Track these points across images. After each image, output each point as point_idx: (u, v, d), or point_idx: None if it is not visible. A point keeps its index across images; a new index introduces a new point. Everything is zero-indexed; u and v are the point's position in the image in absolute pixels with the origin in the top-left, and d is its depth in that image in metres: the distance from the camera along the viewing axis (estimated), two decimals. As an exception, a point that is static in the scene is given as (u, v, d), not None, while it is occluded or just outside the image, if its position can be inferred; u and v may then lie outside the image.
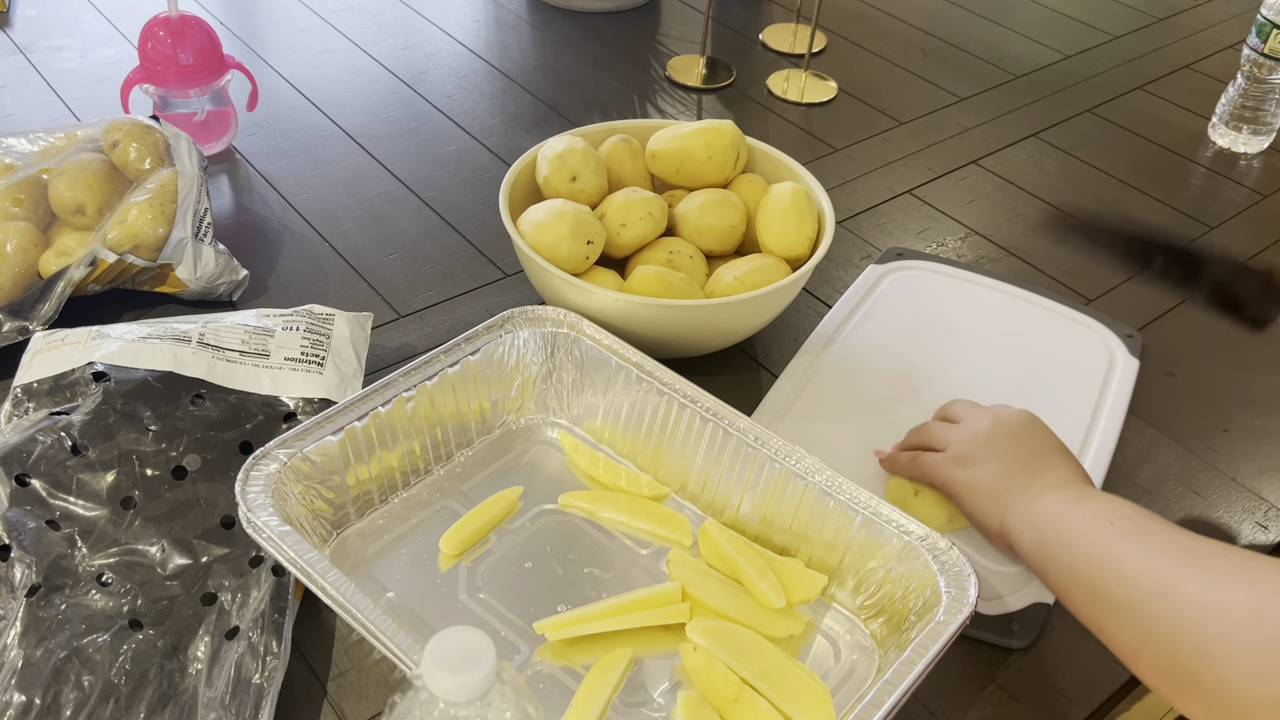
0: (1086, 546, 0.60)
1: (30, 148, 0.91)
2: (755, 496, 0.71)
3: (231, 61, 1.05)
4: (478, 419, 0.77)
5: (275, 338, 0.76)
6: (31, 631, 0.60)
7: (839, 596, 0.69)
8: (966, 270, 0.98)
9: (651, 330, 0.79)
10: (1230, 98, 1.21)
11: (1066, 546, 0.62)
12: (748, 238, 0.89)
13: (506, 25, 1.37)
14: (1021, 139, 1.22)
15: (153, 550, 0.65)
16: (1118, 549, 0.59)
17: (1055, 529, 0.63)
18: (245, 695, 0.59)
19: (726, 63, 1.31)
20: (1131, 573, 0.57)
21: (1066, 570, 0.61)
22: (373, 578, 0.68)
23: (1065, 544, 0.62)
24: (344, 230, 1.00)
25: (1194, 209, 1.12)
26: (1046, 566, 0.63)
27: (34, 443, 0.66)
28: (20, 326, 0.81)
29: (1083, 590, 0.60)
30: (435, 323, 0.91)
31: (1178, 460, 0.83)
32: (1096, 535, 0.60)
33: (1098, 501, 0.64)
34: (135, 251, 0.85)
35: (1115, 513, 0.61)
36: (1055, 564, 0.62)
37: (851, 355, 0.88)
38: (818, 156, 1.16)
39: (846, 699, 0.63)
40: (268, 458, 0.65)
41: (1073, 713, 0.66)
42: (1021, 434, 0.71)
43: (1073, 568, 0.61)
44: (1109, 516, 0.61)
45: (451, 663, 0.43)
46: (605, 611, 0.66)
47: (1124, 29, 1.48)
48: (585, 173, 0.87)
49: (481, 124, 1.17)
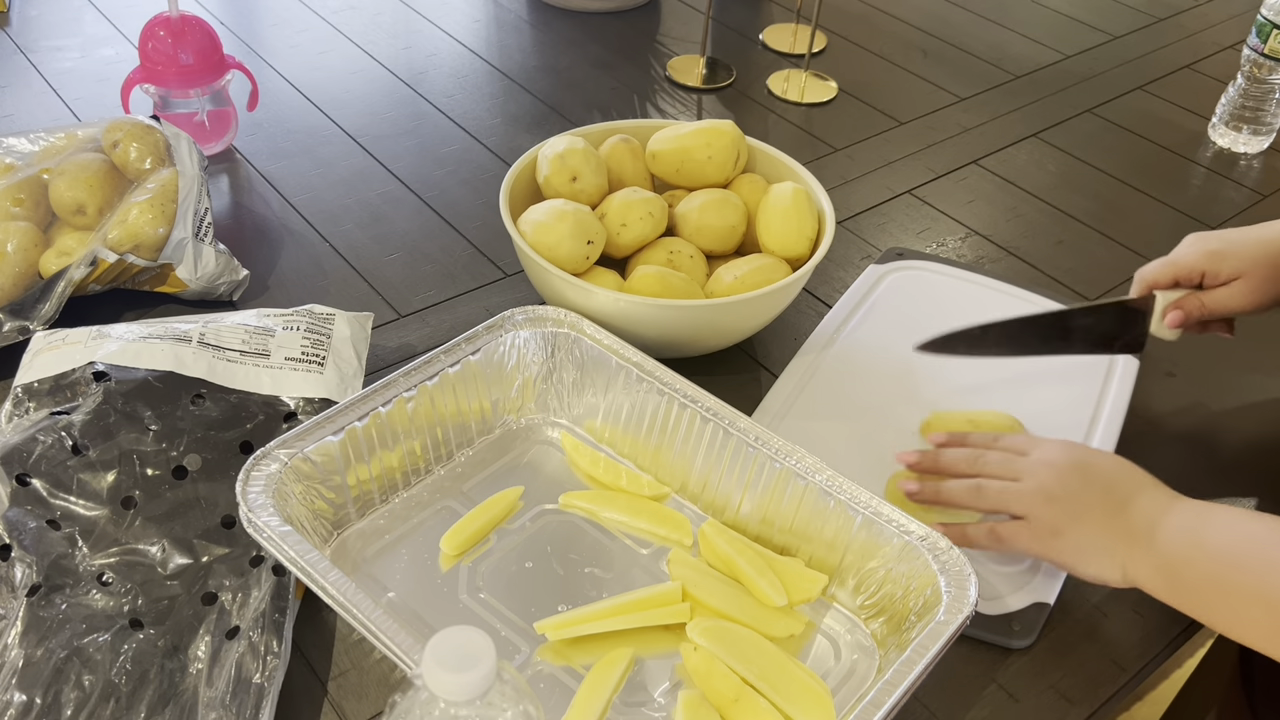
0: (1248, 583, 0.58)
1: (31, 148, 0.92)
2: (755, 496, 0.71)
3: (232, 61, 1.05)
4: (478, 419, 0.77)
5: (275, 337, 0.76)
6: (32, 631, 0.60)
7: (839, 596, 0.69)
8: (966, 270, 0.98)
9: (652, 330, 0.79)
10: (1230, 98, 1.21)
11: (1220, 586, 0.60)
12: (748, 238, 0.89)
13: (506, 25, 1.37)
14: (1021, 139, 1.22)
15: (153, 550, 0.65)
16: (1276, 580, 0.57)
17: (1193, 570, 0.61)
18: (246, 695, 0.59)
19: (726, 63, 1.31)
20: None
21: (1232, 611, 0.59)
22: (373, 578, 0.68)
23: (1217, 583, 0.60)
24: (344, 230, 1.00)
25: (1194, 209, 1.12)
26: (1198, 607, 0.61)
27: (34, 442, 0.66)
28: (21, 326, 0.81)
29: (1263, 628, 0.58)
30: (435, 323, 0.91)
31: (1178, 460, 0.83)
32: (1254, 569, 0.58)
33: (1219, 523, 0.61)
34: (135, 251, 0.85)
35: (1252, 537, 0.59)
36: (1210, 605, 0.61)
37: (851, 355, 0.88)
38: (818, 156, 1.16)
39: (847, 699, 0.63)
40: (268, 458, 0.65)
41: (1073, 713, 0.66)
42: (1085, 472, 0.67)
43: (1240, 608, 0.59)
44: (1251, 544, 0.59)
45: (452, 662, 0.43)
46: (605, 611, 0.66)
47: (1124, 29, 1.48)
48: (585, 173, 0.87)
49: (481, 124, 1.17)
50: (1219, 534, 0.61)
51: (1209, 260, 0.76)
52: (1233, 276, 0.76)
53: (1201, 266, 0.76)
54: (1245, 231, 0.77)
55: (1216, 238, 0.77)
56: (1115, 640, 0.70)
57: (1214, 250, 0.76)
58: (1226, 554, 0.60)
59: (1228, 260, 0.76)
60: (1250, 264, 0.75)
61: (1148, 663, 0.69)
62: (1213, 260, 0.76)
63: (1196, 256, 0.76)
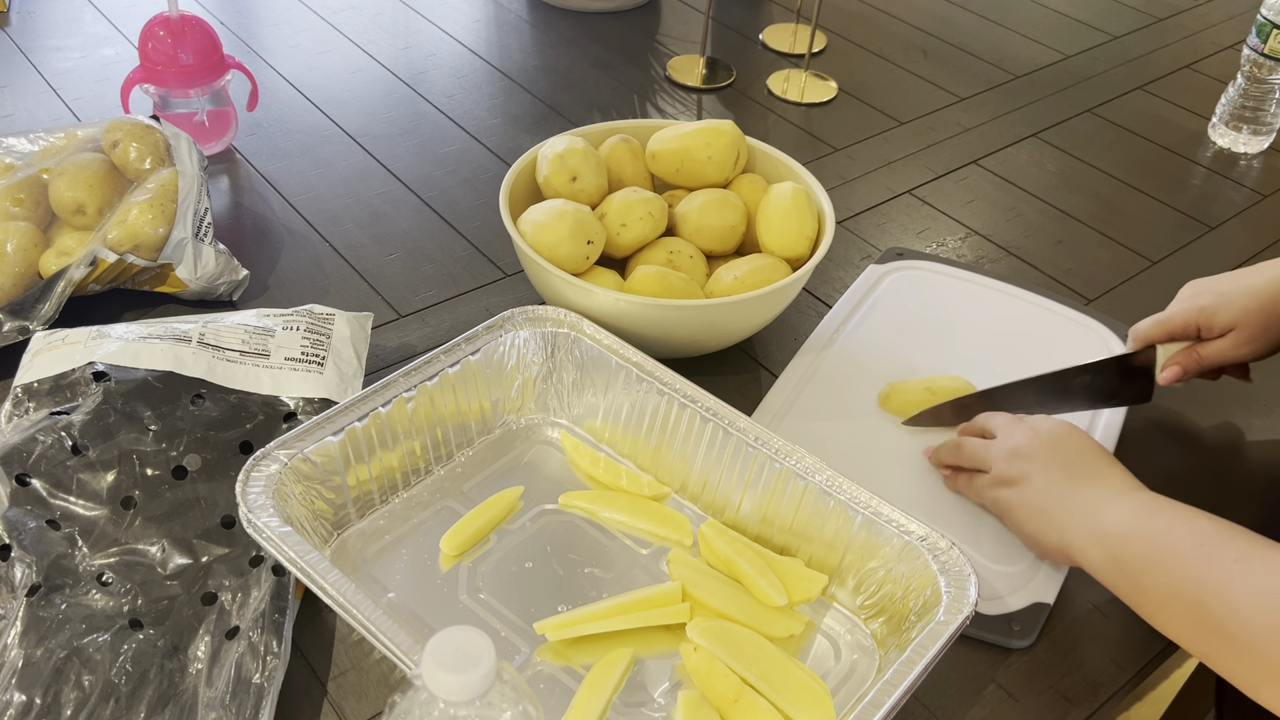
0: (1180, 571, 0.59)
1: (30, 148, 0.92)
2: (755, 496, 0.71)
3: (231, 61, 1.05)
4: (478, 419, 0.77)
5: (275, 338, 0.76)
6: (32, 631, 0.60)
7: (839, 596, 0.69)
8: (966, 270, 0.98)
9: (651, 330, 0.79)
10: (1230, 98, 1.21)
11: (1153, 569, 0.60)
12: (748, 238, 0.89)
13: (506, 25, 1.37)
14: (1021, 139, 1.22)
15: (153, 550, 0.65)
16: (1219, 577, 0.57)
17: (1133, 547, 0.62)
18: (245, 695, 0.59)
19: (726, 63, 1.31)
20: (1244, 608, 0.56)
21: (1158, 597, 0.60)
22: (373, 578, 0.68)
23: (1151, 566, 0.61)
24: (344, 230, 1.00)
25: (1194, 209, 1.12)
26: (1127, 587, 0.62)
27: (34, 442, 0.66)
28: (20, 326, 0.81)
29: (1184, 620, 0.59)
30: (435, 323, 0.91)
31: (1178, 460, 0.83)
32: (1189, 560, 0.59)
33: (1172, 514, 0.62)
34: (135, 251, 0.85)
35: (1199, 531, 0.60)
36: (1140, 587, 0.61)
37: (851, 355, 0.88)
38: (818, 156, 1.16)
39: (847, 699, 0.63)
40: (268, 458, 0.65)
41: (1073, 713, 0.66)
42: (1060, 444, 0.70)
43: (1166, 596, 0.60)
44: (1195, 537, 0.60)
45: (451, 662, 0.43)
46: (605, 611, 0.66)
47: (1124, 29, 1.48)
48: (585, 173, 0.87)
49: (481, 124, 1.17)
50: (1165, 522, 0.62)
51: (1201, 315, 0.77)
52: (1227, 329, 0.76)
53: (1194, 322, 0.77)
54: (1236, 280, 0.77)
55: (1208, 290, 0.78)
56: (1115, 640, 0.70)
57: (1205, 305, 0.77)
58: (1167, 541, 0.61)
59: (1220, 313, 0.76)
60: (1243, 315, 0.75)
61: (1148, 663, 0.69)
62: (1205, 315, 0.76)
63: (1189, 312, 0.77)
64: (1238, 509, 0.80)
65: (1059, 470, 0.68)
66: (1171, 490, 0.80)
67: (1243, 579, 0.57)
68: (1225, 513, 0.79)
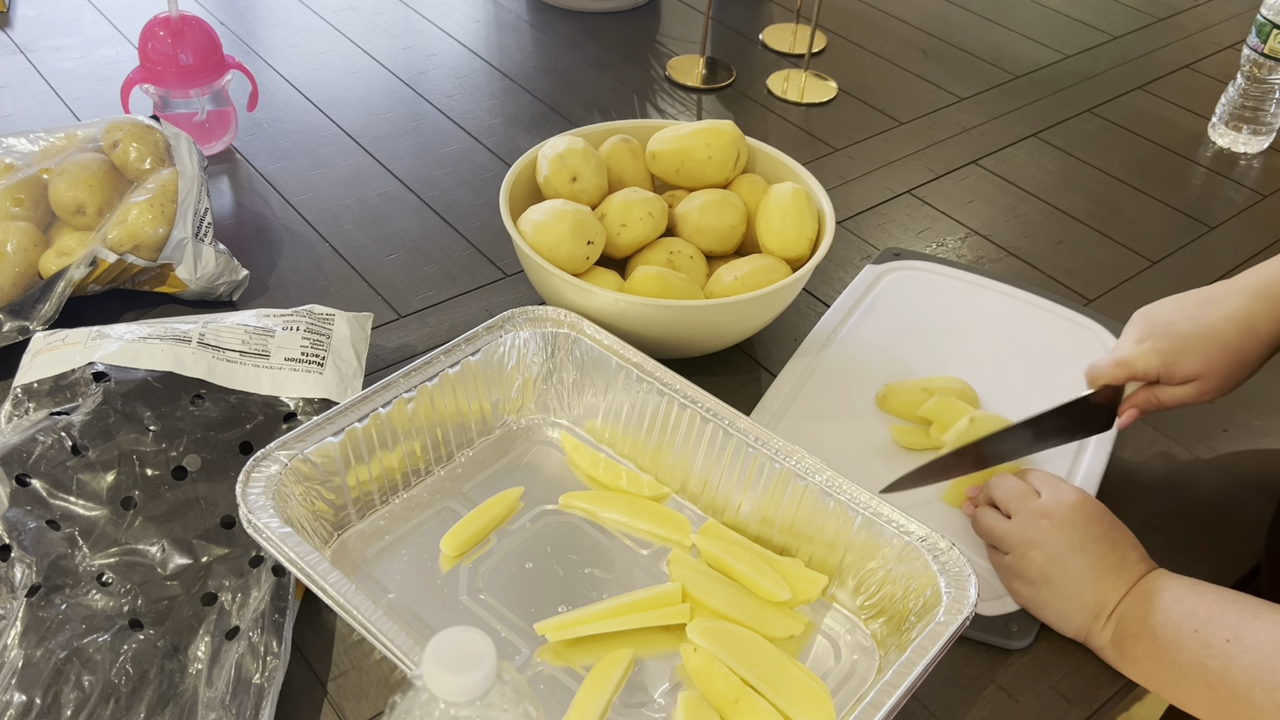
0: (1183, 659, 0.62)
1: (30, 148, 0.91)
2: (755, 496, 0.71)
3: (231, 61, 1.05)
4: (478, 419, 0.77)
5: (275, 338, 0.76)
6: (32, 631, 0.60)
7: (839, 597, 0.69)
8: (966, 270, 0.98)
9: (651, 330, 0.79)
10: (1230, 98, 1.21)
11: (1160, 663, 0.64)
12: (748, 238, 0.89)
13: (506, 25, 1.37)
14: (1021, 139, 1.22)
15: (153, 550, 0.65)
16: (1218, 662, 0.60)
17: (1139, 645, 0.65)
18: (245, 695, 0.59)
19: (726, 63, 1.31)
20: (1245, 688, 0.59)
21: (1171, 684, 0.63)
22: (373, 578, 0.68)
23: (1156, 662, 0.64)
24: (344, 230, 1.00)
25: (1194, 209, 1.12)
26: (1145, 678, 0.66)
27: (34, 443, 0.66)
28: (20, 326, 0.81)
29: (1201, 704, 0.62)
30: (435, 323, 0.91)
31: (1177, 460, 0.83)
32: (1188, 648, 0.62)
33: (1166, 598, 0.64)
34: (135, 251, 0.85)
35: (1191, 614, 0.63)
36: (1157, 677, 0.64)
37: (850, 355, 0.88)
38: (818, 156, 1.16)
39: (847, 699, 0.63)
40: (268, 459, 0.65)
41: (1072, 713, 0.66)
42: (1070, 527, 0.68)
43: (1178, 683, 0.63)
44: (1189, 621, 0.62)
45: (452, 663, 0.43)
46: (605, 612, 0.66)
47: (1124, 29, 1.48)
48: (585, 173, 0.87)
49: (481, 124, 1.17)
50: (1161, 613, 0.64)
51: (1163, 363, 0.74)
52: (1189, 379, 0.74)
53: (1155, 370, 0.74)
54: (1195, 319, 0.74)
55: (1166, 332, 0.75)
56: (1115, 641, 0.70)
57: (1167, 350, 0.74)
58: (1164, 632, 0.63)
59: (1182, 361, 0.74)
60: (1205, 364, 0.73)
61: (1147, 663, 0.69)
62: (1166, 364, 0.74)
63: (1149, 358, 0.74)
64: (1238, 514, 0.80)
65: (1072, 558, 0.67)
66: (1168, 493, 0.81)
67: (1239, 658, 0.59)
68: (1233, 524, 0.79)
